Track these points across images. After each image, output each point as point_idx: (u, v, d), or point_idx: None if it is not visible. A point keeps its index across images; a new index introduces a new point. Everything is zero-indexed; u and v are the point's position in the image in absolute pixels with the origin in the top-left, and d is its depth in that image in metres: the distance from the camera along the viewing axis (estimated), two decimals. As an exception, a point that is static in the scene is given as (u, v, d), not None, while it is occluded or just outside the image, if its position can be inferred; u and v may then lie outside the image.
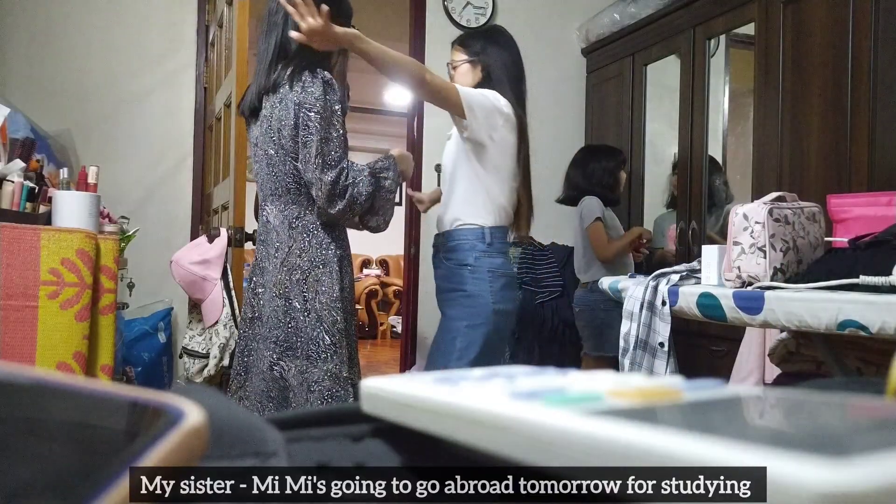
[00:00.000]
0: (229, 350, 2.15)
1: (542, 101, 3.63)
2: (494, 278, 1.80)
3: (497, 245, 1.84)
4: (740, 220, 1.30)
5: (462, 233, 1.82)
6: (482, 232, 1.82)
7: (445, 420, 0.24)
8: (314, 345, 1.57)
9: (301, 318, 1.57)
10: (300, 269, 1.59)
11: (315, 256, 1.60)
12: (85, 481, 0.16)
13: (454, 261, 1.82)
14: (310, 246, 1.60)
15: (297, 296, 1.58)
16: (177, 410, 0.19)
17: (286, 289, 1.58)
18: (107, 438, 0.19)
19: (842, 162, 2.25)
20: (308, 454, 0.25)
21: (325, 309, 1.58)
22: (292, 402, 1.58)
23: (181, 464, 0.18)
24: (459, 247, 1.82)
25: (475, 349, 1.75)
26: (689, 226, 2.91)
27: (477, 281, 1.78)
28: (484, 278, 1.78)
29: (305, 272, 1.59)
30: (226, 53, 2.58)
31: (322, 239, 1.61)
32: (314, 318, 1.57)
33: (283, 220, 1.62)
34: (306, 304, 1.58)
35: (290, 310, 1.58)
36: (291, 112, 1.54)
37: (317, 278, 1.59)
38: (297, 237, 1.60)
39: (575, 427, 0.19)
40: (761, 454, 0.15)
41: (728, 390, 0.25)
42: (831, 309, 1.09)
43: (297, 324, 1.58)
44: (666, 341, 1.48)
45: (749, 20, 2.64)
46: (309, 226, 1.61)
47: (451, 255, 1.83)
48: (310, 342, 1.57)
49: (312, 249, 1.60)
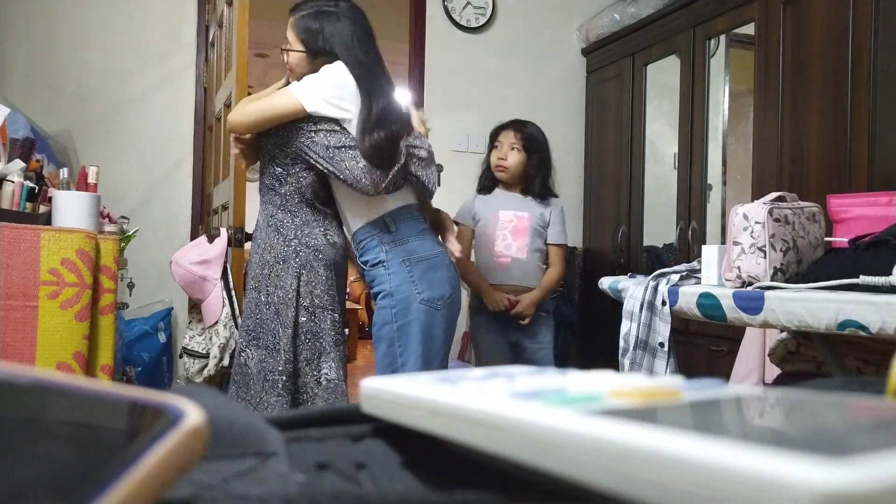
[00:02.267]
0: (229, 350, 2.15)
1: (542, 101, 3.64)
2: (412, 266, 1.67)
3: (404, 228, 1.70)
4: (740, 220, 1.30)
5: (363, 231, 1.71)
6: (383, 222, 1.69)
7: (445, 420, 0.24)
8: (271, 336, 1.66)
9: (264, 310, 1.68)
10: (267, 265, 1.69)
11: (279, 252, 1.69)
12: (85, 481, 0.16)
13: (369, 262, 1.71)
14: (277, 243, 1.70)
15: (263, 289, 1.69)
16: (177, 410, 0.19)
17: (258, 282, 1.70)
18: (107, 438, 0.19)
19: (842, 162, 2.25)
20: (308, 454, 0.25)
21: (281, 303, 1.67)
22: (251, 388, 1.67)
23: (181, 464, 0.18)
24: (367, 246, 1.71)
25: (416, 344, 1.66)
26: (689, 226, 2.91)
27: (394, 276, 1.67)
28: (400, 270, 1.67)
29: (270, 266, 1.69)
30: (226, 53, 2.58)
31: (287, 237, 1.69)
32: (273, 311, 1.67)
33: (264, 219, 1.74)
34: (268, 298, 1.68)
35: (259, 302, 1.69)
36: None
37: (277, 273, 1.68)
38: (270, 234, 1.71)
39: (575, 427, 0.19)
40: (761, 454, 0.15)
41: (728, 390, 0.25)
42: (831, 309, 1.09)
43: (261, 315, 1.68)
44: (666, 341, 1.48)
45: (749, 20, 2.65)
46: (278, 224, 1.70)
47: (363, 256, 1.72)
48: (269, 333, 1.67)
49: (278, 246, 1.69)
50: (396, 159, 1.64)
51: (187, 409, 0.19)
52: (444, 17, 3.46)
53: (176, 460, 0.18)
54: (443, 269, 1.72)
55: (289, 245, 1.68)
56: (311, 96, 1.60)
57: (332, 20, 1.66)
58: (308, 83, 1.62)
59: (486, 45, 3.53)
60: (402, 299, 1.66)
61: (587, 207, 3.64)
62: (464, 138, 3.43)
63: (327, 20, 1.66)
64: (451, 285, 1.73)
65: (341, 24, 1.66)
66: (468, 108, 3.48)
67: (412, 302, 1.66)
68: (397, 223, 1.70)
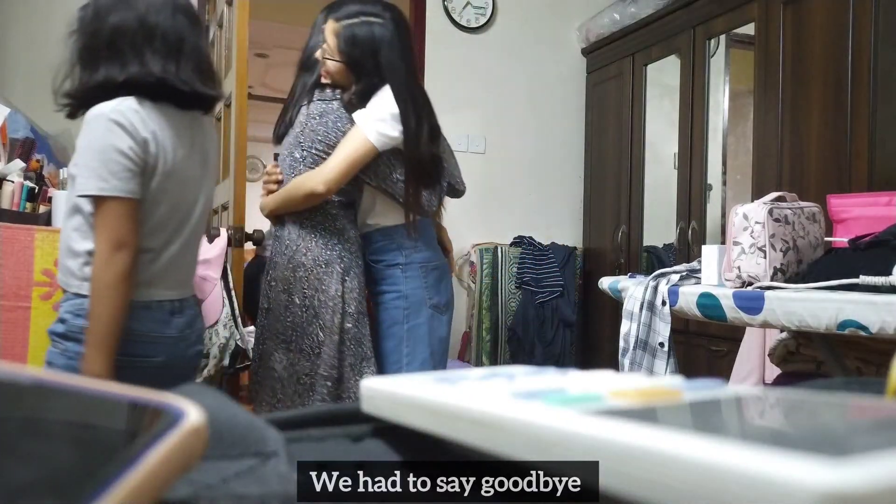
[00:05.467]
0: (229, 350, 2.15)
1: (542, 101, 3.64)
2: (426, 273, 1.73)
3: (424, 237, 1.75)
4: (740, 220, 1.31)
5: (383, 232, 1.73)
6: (405, 227, 1.71)
7: (445, 420, 0.24)
8: (309, 340, 1.63)
9: (299, 313, 1.64)
10: (304, 267, 1.65)
11: (319, 255, 1.65)
12: (85, 481, 0.16)
13: (383, 262, 1.73)
14: (315, 246, 1.66)
15: (298, 292, 1.65)
16: (177, 410, 0.19)
17: (290, 285, 1.65)
18: (107, 438, 0.19)
19: (842, 162, 2.25)
20: (308, 454, 0.25)
21: (322, 307, 1.63)
22: (279, 392, 1.65)
23: (181, 464, 0.18)
24: (385, 247, 1.73)
25: (423, 347, 1.71)
26: (689, 226, 2.91)
27: (409, 279, 1.71)
28: (417, 275, 1.71)
29: (308, 270, 1.65)
30: (226, 53, 2.58)
31: (328, 240, 1.67)
32: (311, 314, 1.63)
33: (295, 220, 1.69)
34: (305, 301, 1.64)
35: (291, 305, 1.65)
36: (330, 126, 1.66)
37: (318, 277, 1.64)
38: (305, 236, 1.67)
39: (575, 427, 0.19)
40: (761, 454, 0.15)
41: (728, 390, 0.25)
42: (831, 309, 1.09)
43: (294, 318, 1.64)
44: (666, 341, 1.48)
45: (749, 20, 2.65)
46: (317, 227, 1.67)
47: (377, 255, 1.74)
48: (304, 336, 1.63)
49: (317, 248, 1.66)
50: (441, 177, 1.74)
51: (187, 409, 0.19)
52: (444, 17, 3.46)
53: (176, 460, 0.18)
54: (447, 277, 1.80)
55: (331, 249, 1.66)
56: (380, 135, 1.61)
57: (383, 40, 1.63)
58: (374, 121, 1.61)
59: (486, 45, 3.53)
60: (415, 302, 1.70)
61: (587, 207, 3.64)
62: (464, 138, 3.43)
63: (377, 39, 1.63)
64: (451, 293, 1.80)
65: (390, 48, 1.63)
66: (468, 108, 3.48)
67: (423, 306, 1.71)
68: (418, 231, 1.73)
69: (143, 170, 1.22)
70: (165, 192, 1.26)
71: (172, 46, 1.24)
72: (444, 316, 1.76)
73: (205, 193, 1.38)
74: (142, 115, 1.21)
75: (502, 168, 3.55)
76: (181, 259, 1.34)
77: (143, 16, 1.23)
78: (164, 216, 1.28)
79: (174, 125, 1.27)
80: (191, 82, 1.26)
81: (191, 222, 1.34)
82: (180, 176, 1.28)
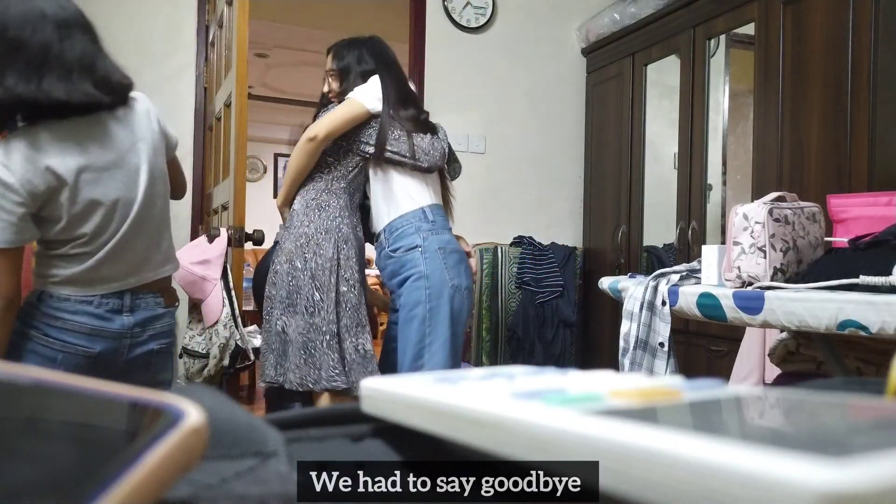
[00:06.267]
0: (229, 350, 2.15)
1: (542, 101, 3.64)
2: (446, 255, 1.82)
3: (440, 221, 1.88)
4: (740, 220, 1.30)
5: (403, 219, 1.85)
6: (422, 211, 1.85)
7: (445, 420, 0.24)
8: (306, 300, 1.76)
9: (300, 276, 1.78)
10: (305, 236, 1.81)
11: (320, 225, 1.81)
12: (85, 481, 0.16)
13: (403, 247, 1.84)
14: (318, 217, 1.83)
15: (299, 257, 1.79)
16: (177, 410, 0.19)
17: (292, 254, 1.81)
18: (107, 438, 0.19)
19: (842, 162, 2.25)
20: (308, 454, 0.25)
21: (319, 269, 1.77)
22: (290, 354, 1.77)
23: (181, 464, 0.18)
24: (404, 232, 1.84)
25: (444, 326, 1.78)
26: (689, 226, 2.91)
27: (429, 260, 1.80)
28: (436, 256, 1.81)
29: (309, 237, 1.81)
30: (226, 53, 2.58)
31: (330, 213, 1.83)
32: (309, 275, 1.77)
33: (301, 202, 1.88)
34: (305, 264, 1.78)
35: (293, 269, 1.79)
36: None
37: (318, 242, 1.79)
38: (310, 213, 1.84)
39: (575, 427, 0.19)
40: (761, 454, 0.15)
41: (728, 390, 0.25)
42: (831, 309, 1.09)
43: (296, 282, 1.79)
44: (666, 341, 1.48)
45: (749, 20, 2.65)
46: (322, 203, 1.85)
47: (397, 244, 1.85)
48: (304, 297, 1.77)
49: (319, 219, 1.83)
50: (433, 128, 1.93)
51: (187, 409, 0.19)
52: (444, 17, 3.46)
53: (176, 460, 0.18)
54: (465, 262, 1.90)
55: (332, 220, 1.82)
56: (372, 99, 1.84)
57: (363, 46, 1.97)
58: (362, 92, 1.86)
59: (486, 45, 3.53)
60: (437, 282, 1.79)
61: (587, 207, 3.64)
62: (464, 138, 3.43)
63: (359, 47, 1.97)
64: (471, 280, 1.91)
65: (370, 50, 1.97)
66: (468, 108, 3.48)
67: (445, 286, 1.80)
68: (434, 215, 1.87)
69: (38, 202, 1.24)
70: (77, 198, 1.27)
71: (35, 60, 1.20)
72: (465, 299, 1.84)
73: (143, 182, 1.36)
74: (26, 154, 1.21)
75: (502, 168, 3.55)
76: (123, 252, 1.35)
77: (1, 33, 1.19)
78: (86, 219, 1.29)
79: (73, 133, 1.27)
80: (53, 92, 1.21)
81: (130, 215, 1.34)
82: (94, 177, 1.28)
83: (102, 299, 1.35)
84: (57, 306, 1.31)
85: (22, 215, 1.23)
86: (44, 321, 1.31)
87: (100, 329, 1.34)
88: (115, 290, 1.36)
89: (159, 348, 1.45)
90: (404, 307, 1.81)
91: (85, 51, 1.26)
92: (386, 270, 1.88)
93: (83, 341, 1.33)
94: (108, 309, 1.35)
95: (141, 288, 1.41)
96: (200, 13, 3.10)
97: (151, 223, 1.40)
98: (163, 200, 1.44)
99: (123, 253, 1.36)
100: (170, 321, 1.49)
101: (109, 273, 1.35)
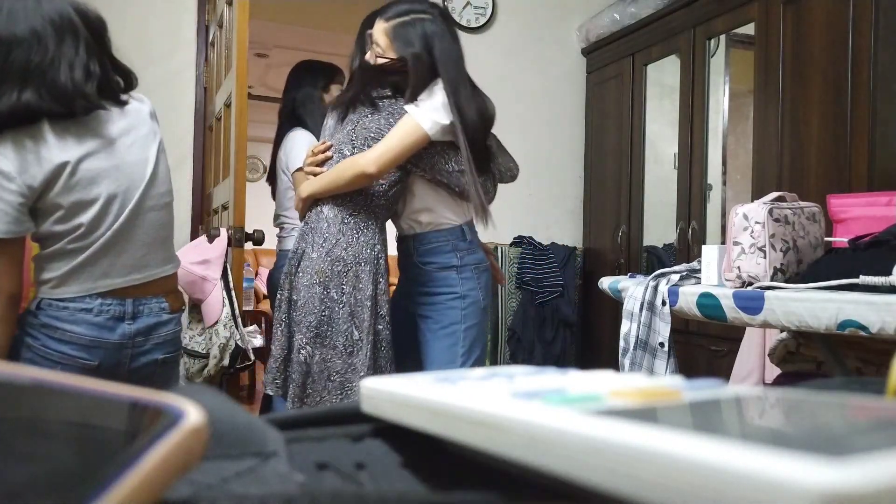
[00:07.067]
0: (229, 350, 2.15)
1: (542, 101, 3.64)
2: (479, 274, 1.75)
3: (475, 240, 1.79)
4: (740, 220, 1.31)
5: (439, 234, 1.74)
6: (461, 230, 1.75)
7: (445, 420, 0.24)
8: (343, 337, 1.61)
9: (336, 308, 1.62)
10: (343, 262, 1.63)
11: (359, 252, 1.65)
12: (85, 481, 0.16)
13: (436, 265, 1.73)
14: (357, 242, 1.65)
15: (336, 287, 1.62)
16: (177, 410, 0.19)
17: (326, 278, 1.62)
18: (107, 438, 0.19)
19: (842, 162, 2.25)
20: (308, 454, 0.25)
21: (358, 306, 1.62)
22: (309, 388, 1.63)
23: (181, 464, 0.18)
24: (440, 249, 1.74)
25: (477, 350, 1.74)
26: (689, 226, 2.91)
27: (465, 281, 1.72)
28: (471, 277, 1.74)
29: (348, 266, 1.63)
30: (226, 53, 2.58)
31: (369, 238, 1.67)
32: (347, 311, 1.62)
33: (336, 214, 1.66)
34: (342, 297, 1.62)
35: (327, 299, 1.62)
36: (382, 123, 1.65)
37: (356, 274, 1.63)
38: (347, 232, 1.65)
39: (575, 427, 0.19)
40: (761, 454, 0.15)
41: (728, 390, 0.25)
42: (831, 309, 1.09)
43: (330, 313, 1.62)
44: (666, 341, 1.48)
45: (749, 20, 2.65)
46: (360, 224, 1.66)
47: (429, 258, 1.74)
48: (339, 334, 1.61)
49: (359, 245, 1.65)
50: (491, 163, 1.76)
51: (187, 409, 0.19)
52: (444, 17, 3.46)
53: (176, 460, 0.18)
54: (490, 279, 1.82)
55: (372, 249, 1.67)
56: (432, 122, 1.61)
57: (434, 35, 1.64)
58: (425, 110, 1.62)
59: (486, 45, 3.53)
60: (472, 303, 1.72)
61: (587, 207, 3.64)
62: (464, 138, 3.43)
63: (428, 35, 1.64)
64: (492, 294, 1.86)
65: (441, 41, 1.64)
66: (468, 108, 3.48)
67: (479, 307, 1.73)
68: (472, 233, 1.77)
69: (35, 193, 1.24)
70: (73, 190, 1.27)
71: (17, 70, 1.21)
72: (487, 319, 1.80)
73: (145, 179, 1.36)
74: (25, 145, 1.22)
75: (502, 168, 3.54)
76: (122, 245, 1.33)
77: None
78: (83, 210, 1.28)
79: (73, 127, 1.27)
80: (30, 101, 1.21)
81: (126, 209, 1.33)
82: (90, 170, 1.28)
83: (103, 305, 1.31)
84: (55, 315, 1.28)
85: (19, 205, 1.23)
86: (42, 331, 1.29)
87: (99, 340, 1.31)
88: (118, 287, 1.33)
89: (164, 358, 1.41)
90: (434, 322, 1.74)
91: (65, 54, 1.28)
92: (408, 273, 1.79)
93: (82, 353, 1.29)
94: (108, 317, 1.32)
95: (145, 291, 1.37)
96: (200, 13, 3.10)
97: (153, 220, 1.38)
98: (165, 199, 1.43)
99: (122, 246, 1.33)
100: (175, 328, 1.44)
101: (110, 267, 1.32)
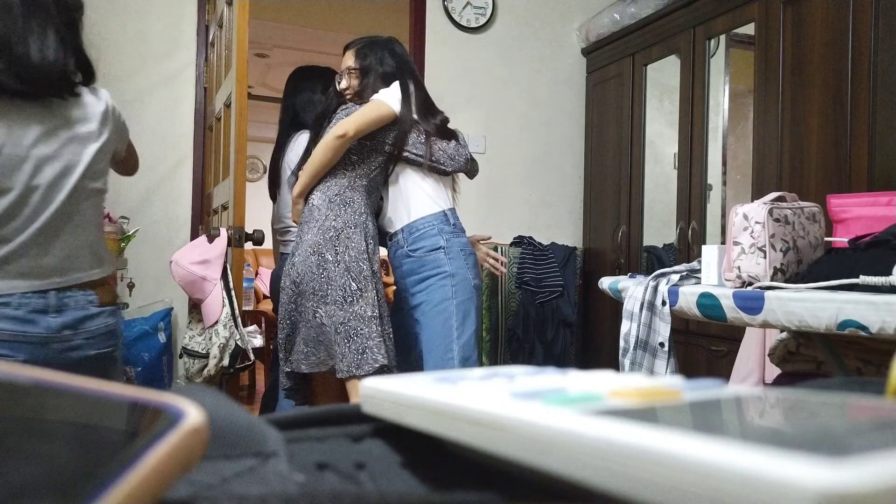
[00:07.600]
0: (229, 350, 2.15)
1: (542, 101, 3.64)
2: (466, 256, 1.92)
3: (460, 225, 1.97)
4: (740, 220, 1.30)
5: (425, 220, 1.92)
6: (444, 214, 1.93)
7: (445, 420, 0.24)
8: (342, 290, 1.79)
9: (332, 268, 1.81)
10: (334, 229, 1.83)
11: (348, 219, 1.86)
12: (85, 481, 0.16)
13: (424, 248, 1.91)
14: (344, 212, 1.86)
15: (329, 250, 1.82)
16: (177, 410, 0.19)
17: (319, 246, 1.82)
18: (107, 438, 0.19)
19: (842, 162, 2.25)
20: (308, 454, 0.25)
21: (353, 261, 1.81)
22: (336, 343, 1.79)
23: (181, 464, 0.18)
24: (426, 234, 1.91)
25: (471, 322, 1.87)
26: (689, 226, 2.91)
27: (453, 260, 1.89)
28: (459, 256, 1.90)
29: (338, 231, 1.84)
30: (226, 53, 2.58)
31: (357, 207, 1.88)
32: (343, 268, 1.80)
33: (323, 198, 1.89)
34: (337, 257, 1.81)
35: (323, 262, 1.81)
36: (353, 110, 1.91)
37: (348, 236, 1.83)
38: (335, 207, 1.86)
39: (575, 427, 0.19)
40: (761, 454, 0.15)
41: (728, 390, 0.25)
42: (831, 309, 1.09)
43: (328, 274, 1.80)
44: (666, 341, 1.48)
45: (749, 20, 2.65)
46: (346, 199, 1.88)
47: (417, 244, 1.92)
48: (338, 289, 1.79)
49: (347, 214, 1.85)
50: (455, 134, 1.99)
51: (187, 409, 0.19)
52: (444, 17, 3.46)
53: (176, 460, 0.18)
54: (477, 261, 2.00)
55: (359, 216, 1.86)
56: (396, 101, 1.89)
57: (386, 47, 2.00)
58: (387, 94, 1.90)
59: (486, 45, 3.53)
60: (462, 280, 1.88)
61: (587, 207, 3.64)
62: (464, 138, 3.43)
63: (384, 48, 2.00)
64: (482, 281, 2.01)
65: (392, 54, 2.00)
66: (468, 108, 3.48)
67: (469, 284, 1.89)
68: (455, 219, 1.96)
69: None
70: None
71: None
72: (478, 299, 1.94)
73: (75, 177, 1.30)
74: None
75: (502, 168, 3.55)
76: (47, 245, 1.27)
77: None
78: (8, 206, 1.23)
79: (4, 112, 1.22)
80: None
81: (51, 207, 1.26)
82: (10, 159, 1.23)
83: (22, 299, 1.24)
84: None
85: None
86: None
87: (21, 334, 1.23)
88: (38, 288, 1.26)
89: (98, 353, 1.33)
90: (427, 303, 1.89)
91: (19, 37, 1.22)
92: (401, 269, 1.95)
93: (4, 350, 1.21)
94: (29, 310, 1.24)
95: (69, 286, 1.30)
96: (200, 13, 3.10)
97: (80, 220, 1.32)
98: (95, 200, 1.36)
99: (47, 246, 1.27)
100: (107, 321, 1.36)
101: (31, 267, 1.25)
